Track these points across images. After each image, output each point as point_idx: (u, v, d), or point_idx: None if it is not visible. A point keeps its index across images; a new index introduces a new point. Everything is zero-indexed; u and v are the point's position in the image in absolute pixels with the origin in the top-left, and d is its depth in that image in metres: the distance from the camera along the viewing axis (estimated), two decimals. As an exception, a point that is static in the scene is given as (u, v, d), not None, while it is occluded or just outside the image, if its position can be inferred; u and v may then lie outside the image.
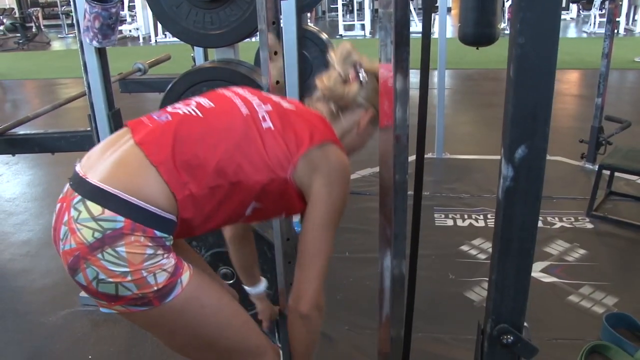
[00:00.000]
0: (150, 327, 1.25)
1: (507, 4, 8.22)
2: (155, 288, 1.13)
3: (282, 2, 1.72)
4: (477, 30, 3.43)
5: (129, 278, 1.10)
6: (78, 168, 1.19)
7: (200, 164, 1.16)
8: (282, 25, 1.70)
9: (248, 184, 1.21)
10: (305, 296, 1.27)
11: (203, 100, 1.29)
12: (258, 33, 1.67)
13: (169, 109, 1.27)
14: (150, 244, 1.12)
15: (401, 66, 1.23)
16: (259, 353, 1.35)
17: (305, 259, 1.28)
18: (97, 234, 1.09)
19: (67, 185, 1.18)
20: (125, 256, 1.10)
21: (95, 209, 1.10)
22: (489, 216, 3.38)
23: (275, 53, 1.62)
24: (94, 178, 1.13)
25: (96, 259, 1.09)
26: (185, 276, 1.18)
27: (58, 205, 1.17)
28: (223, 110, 1.26)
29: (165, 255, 1.15)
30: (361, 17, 13.06)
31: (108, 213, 1.09)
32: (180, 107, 1.26)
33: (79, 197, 1.12)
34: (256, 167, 1.21)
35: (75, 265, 1.12)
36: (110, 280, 1.10)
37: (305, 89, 2.31)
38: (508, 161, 0.88)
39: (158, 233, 1.13)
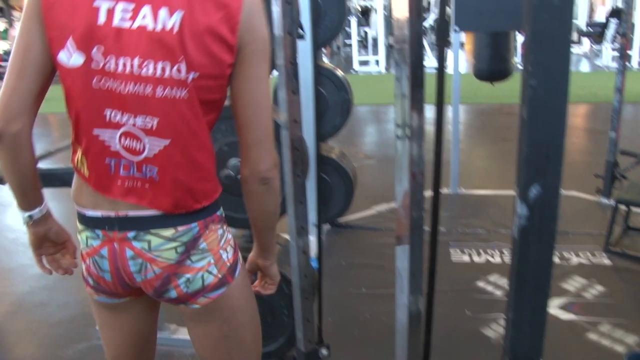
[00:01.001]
0: (218, 315, 1.25)
1: (520, 38, 8.30)
2: (228, 264, 1.22)
3: (298, 40, 1.76)
4: (492, 67, 3.48)
5: (212, 261, 1.19)
6: (97, 213, 1.16)
7: (201, 163, 1.17)
8: (298, 63, 1.74)
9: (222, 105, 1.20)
10: (263, 157, 1.17)
11: (146, 123, 1.10)
12: (275, 71, 1.72)
13: (139, 157, 1.12)
14: (218, 225, 1.22)
15: (417, 107, 1.26)
16: None
17: (252, 118, 1.16)
18: (180, 249, 1.16)
19: (99, 232, 1.16)
20: (207, 247, 1.18)
21: (167, 232, 1.15)
22: (505, 252, 3.37)
23: (293, 92, 1.67)
24: (142, 210, 1.14)
25: (186, 267, 1.17)
26: (238, 249, 1.28)
27: (104, 250, 1.17)
28: (168, 113, 1.10)
29: (227, 229, 1.25)
30: (376, 52, 13.21)
31: (182, 228, 1.15)
32: (153, 145, 1.12)
33: (134, 231, 1.14)
34: (218, 105, 1.17)
35: (166, 285, 1.18)
36: (199, 275, 1.18)
37: (322, 126, 2.36)
38: (522, 200, 0.89)
39: (219, 212, 1.23)
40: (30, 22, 1.08)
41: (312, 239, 2.05)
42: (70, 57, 1.07)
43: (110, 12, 1.05)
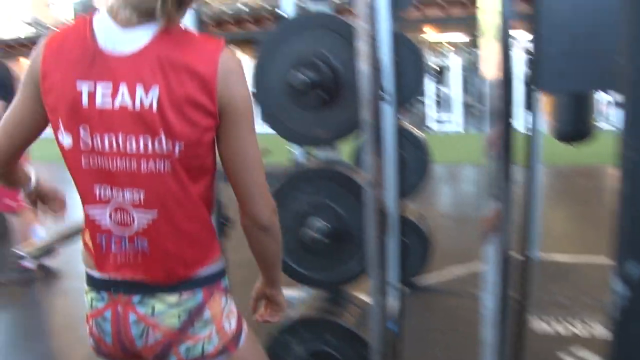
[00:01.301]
0: None
1: (598, 95, 8.07)
2: (230, 334, 1.22)
3: (381, 102, 1.80)
4: (573, 128, 3.39)
5: (213, 331, 1.19)
6: (104, 275, 1.19)
7: (190, 232, 1.18)
8: (382, 126, 1.78)
9: (214, 164, 1.21)
10: (260, 208, 1.20)
11: (133, 197, 1.13)
12: (359, 134, 1.76)
13: (130, 231, 1.16)
14: (222, 294, 1.23)
15: (505, 169, 1.26)
16: None
17: (243, 174, 1.18)
18: (183, 317, 1.17)
19: (104, 294, 1.19)
20: (210, 317, 1.19)
21: (172, 297, 1.16)
22: (588, 322, 3.19)
23: (377, 154, 1.70)
24: (147, 277, 1.16)
25: (188, 335, 1.18)
26: (243, 319, 1.29)
27: (107, 313, 1.18)
28: (153, 187, 1.12)
29: (230, 298, 1.26)
30: (450, 110, 13.12)
31: (186, 294, 1.17)
32: (141, 219, 1.14)
33: (139, 295, 1.17)
34: (207, 170, 1.19)
35: (166, 352, 1.19)
36: (199, 343, 1.18)
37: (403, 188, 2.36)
38: (621, 279, 0.87)
39: (224, 284, 1.24)
40: (26, 98, 1.16)
41: (393, 302, 2.03)
42: (63, 138, 1.12)
43: (92, 95, 1.08)
